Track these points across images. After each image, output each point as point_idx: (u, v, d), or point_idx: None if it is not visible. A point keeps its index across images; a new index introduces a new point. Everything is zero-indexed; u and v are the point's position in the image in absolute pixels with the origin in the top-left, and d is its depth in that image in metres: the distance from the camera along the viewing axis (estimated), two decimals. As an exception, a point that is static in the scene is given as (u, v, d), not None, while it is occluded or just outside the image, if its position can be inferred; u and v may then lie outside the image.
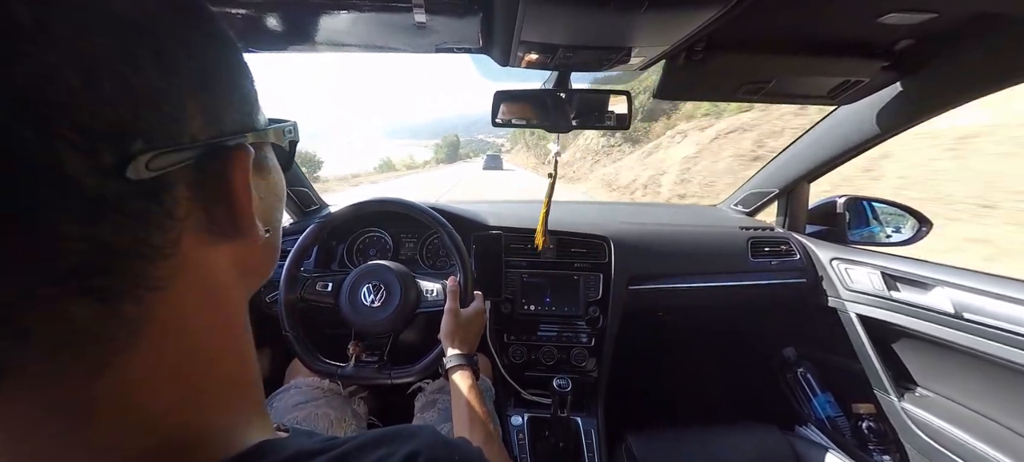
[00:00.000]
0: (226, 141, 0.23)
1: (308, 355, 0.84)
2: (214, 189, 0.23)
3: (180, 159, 0.20)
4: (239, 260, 0.26)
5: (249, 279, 0.28)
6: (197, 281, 0.23)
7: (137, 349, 0.20)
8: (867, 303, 1.07)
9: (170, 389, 0.22)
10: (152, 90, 0.19)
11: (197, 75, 0.22)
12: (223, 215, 0.23)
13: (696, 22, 0.57)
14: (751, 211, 1.44)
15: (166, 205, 0.20)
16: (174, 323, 0.22)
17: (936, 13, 0.61)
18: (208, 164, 0.22)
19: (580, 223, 1.18)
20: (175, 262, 0.21)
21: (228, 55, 0.25)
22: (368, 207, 0.94)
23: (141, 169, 0.18)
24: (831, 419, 1.19)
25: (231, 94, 0.24)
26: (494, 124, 0.90)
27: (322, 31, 0.71)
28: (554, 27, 0.61)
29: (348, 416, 0.88)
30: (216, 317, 0.24)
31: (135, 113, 0.18)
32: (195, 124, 0.21)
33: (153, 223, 0.20)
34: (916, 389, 1.05)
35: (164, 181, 0.20)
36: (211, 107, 0.22)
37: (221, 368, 0.25)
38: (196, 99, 0.21)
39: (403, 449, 0.26)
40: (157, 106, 0.19)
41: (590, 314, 1.13)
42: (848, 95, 0.85)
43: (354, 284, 0.87)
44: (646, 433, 1.10)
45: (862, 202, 1.32)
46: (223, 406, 0.25)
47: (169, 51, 0.20)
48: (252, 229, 0.25)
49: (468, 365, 0.74)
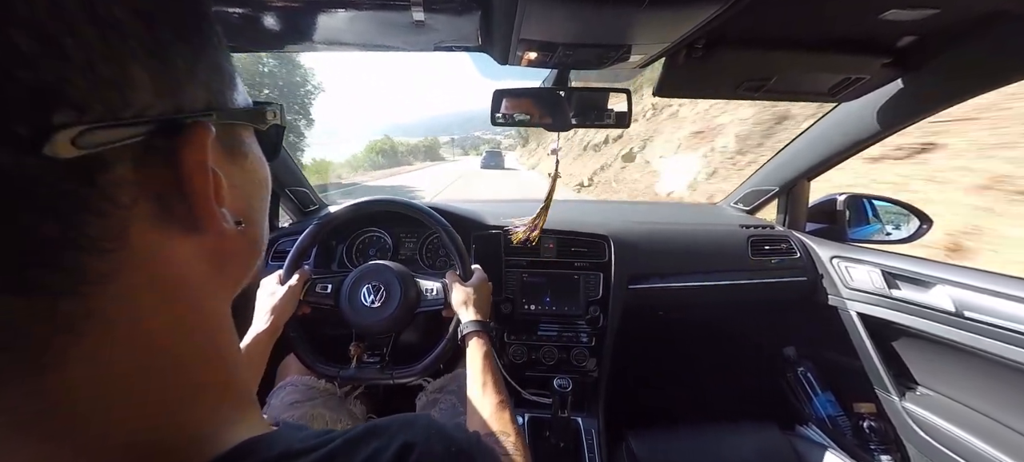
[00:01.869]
0: (182, 118, 0.20)
1: (310, 358, 0.84)
2: (165, 173, 0.20)
3: (120, 136, 0.17)
4: (210, 255, 0.23)
5: (228, 279, 0.26)
6: (152, 277, 0.20)
7: (79, 349, 0.18)
8: (867, 301, 1.07)
9: (125, 394, 0.20)
10: (82, 49, 0.16)
11: (147, 38, 0.18)
12: (177, 205, 0.20)
13: (697, 19, 0.56)
14: (751, 209, 1.44)
15: (103, 189, 0.17)
16: (123, 322, 0.19)
17: (938, 9, 0.60)
18: (158, 143, 0.19)
19: (580, 222, 1.18)
20: (122, 255, 0.18)
21: (193, 20, 0.21)
22: (368, 207, 0.94)
23: (66, 146, 0.15)
24: (832, 418, 1.18)
25: (195, 64, 0.21)
26: (494, 123, 0.89)
27: (320, 30, 0.71)
28: (553, 24, 0.60)
29: (345, 416, 0.88)
30: (178, 316, 0.22)
31: (61, 76, 0.15)
32: (143, 96, 0.18)
33: (87, 209, 0.17)
34: (917, 388, 1.05)
35: (99, 161, 0.17)
36: (165, 76, 0.19)
37: (191, 371, 0.22)
38: (145, 65, 0.18)
39: (396, 441, 0.24)
40: (90, 69, 0.16)
41: (590, 313, 1.12)
42: (849, 92, 0.85)
43: (354, 285, 0.86)
44: (646, 433, 1.10)
45: (862, 200, 1.32)
46: (196, 411, 0.22)
47: (106, 6, 0.17)
48: (211, 220, 0.22)
49: (484, 331, 0.74)
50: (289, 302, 0.80)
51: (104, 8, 0.17)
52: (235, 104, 0.25)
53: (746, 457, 1.03)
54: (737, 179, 2.86)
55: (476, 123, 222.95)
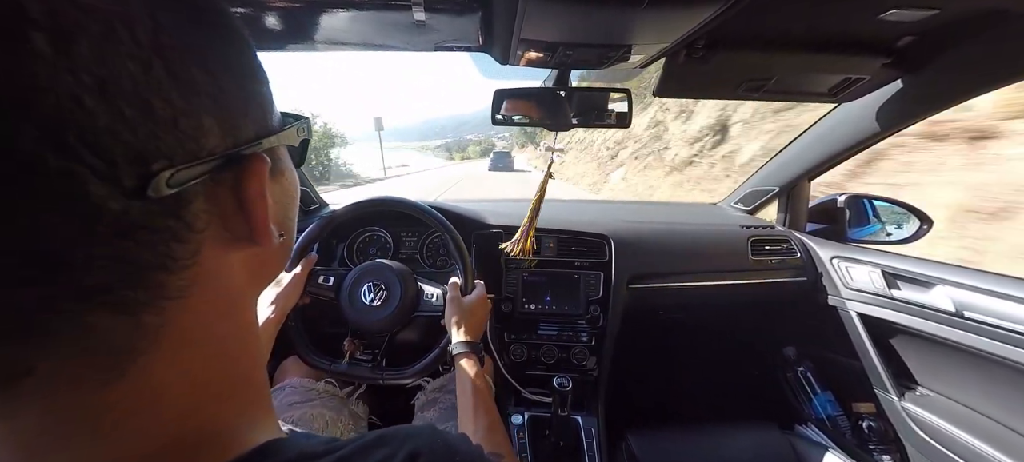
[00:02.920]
0: (241, 150, 0.23)
1: (304, 348, 0.84)
2: (230, 200, 0.23)
3: (198, 173, 0.20)
4: (253, 264, 0.26)
5: (260, 281, 0.28)
6: (214, 288, 0.23)
7: (155, 356, 0.20)
8: (867, 301, 1.07)
9: (184, 393, 0.22)
10: (170, 110, 0.19)
11: (213, 89, 0.21)
12: (240, 224, 0.24)
13: (697, 19, 0.57)
14: (751, 209, 1.44)
15: (186, 219, 0.20)
16: (191, 330, 0.22)
17: (938, 10, 0.60)
18: (224, 176, 0.22)
19: (580, 222, 1.18)
20: (194, 272, 0.21)
21: (245, 62, 0.24)
22: (369, 206, 0.94)
23: (161, 187, 0.18)
24: (831, 418, 1.18)
25: (247, 104, 0.24)
26: (494, 122, 0.90)
27: (321, 30, 0.71)
28: (554, 24, 0.61)
29: (345, 416, 0.88)
30: (231, 321, 0.25)
31: (155, 134, 0.18)
32: (212, 138, 0.21)
33: (174, 237, 0.20)
34: (916, 388, 1.05)
35: (184, 196, 0.20)
36: (227, 119, 0.22)
37: (234, 370, 0.25)
38: (212, 113, 0.21)
39: (404, 450, 0.26)
40: (174, 124, 0.19)
41: (590, 313, 1.13)
42: (849, 92, 0.85)
43: (355, 282, 0.87)
44: (646, 432, 1.10)
45: (863, 200, 1.32)
46: (234, 407, 0.25)
47: (186, 70, 0.20)
48: (267, 237, 0.25)
49: (473, 352, 0.73)
50: (294, 290, 0.82)
51: (184, 69, 0.20)
52: (275, 127, 0.27)
53: (745, 456, 1.03)
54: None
55: (468, 127, 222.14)
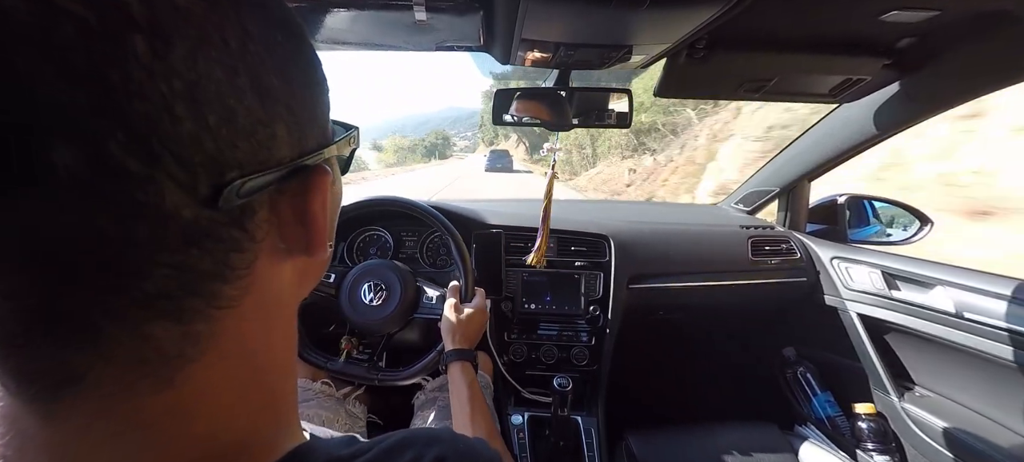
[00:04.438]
0: (306, 160, 0.22)
1: (300, 344, 0.84)
2: (291, 210, 0.22)
3: (266, 183, 0.20)
4: (300, 274, 0.26)
5: (304, 291, 0.28)
6: (263, 298, 0.22)
7: (201, 364, 0.20)
8: (867, 302, 1.07)
9: (227, 402, 0.22)
10: (250, 118, 0.18)
11: (287, 97, 0.21)
12: (297, 235, 0.23)
13: (698, 20, 0.57)
14: (751, 210, 1.44)
15: (249, 229, 0.20)
16: (238, 339, 0.21)
17: (938, 11, 0.60)
18: (288, 186, 0.22)
19: (580, 221, 1.18)
20: (248, 282, 0.21)
21: (313, 69, 0.24)
22: (369, 205, 0.94)
23: (232, 197, 0.18)
24: (830, 418, 1.19)
25: (315, 110, 0.24)
26: (495, 122, 0.90)
27: (323, 29, 0.71)
28: (555, 25, 0.61)
29: (342, 416, 0.88)
30: (276, 331, 0.25)
31: (233, 143, 0.18)
32: (284, 147, 0.21)
33: (235, 247, 0.19)
34: (916, 388, 1.05)
35: (249, 206, 0.19)
36: (297, 127, 0.22)
37: (271, 379, 0.25)
38: (284, 121, 0.21)
39: (430, 452, 0.26)
40: (252, 133, 0.19)
41: (590, 313, 1.13)
42: (849, 93, 0.85)
43: (355, 281, 0.87)
44: (646, 432, 1.10)
45: (863, 201, 1.32)
46: (268, 415, 0.25)
47: (267, 77, 0.19)
48: (323, 249, 0.24)
49: (467, 360, 0.74)
50: None
51: (265, 76, 0.19)
52: (331, 138, 0.27)
53: (745, 456, 1.03)
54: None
55: (447, 125, 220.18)
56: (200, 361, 0.20)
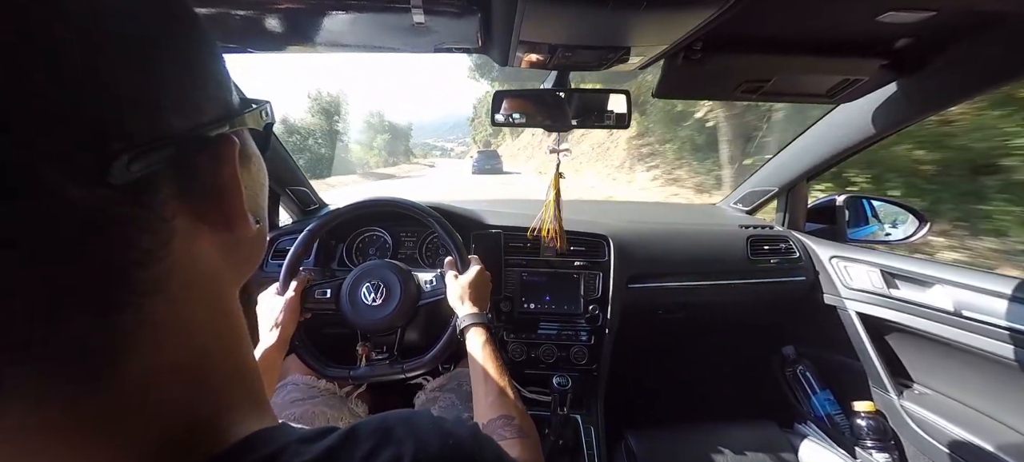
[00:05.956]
0: (207, 132, 0.22)
1: (318, 364, 0.84)
2: (201, 186, 0.22)
3: (161, 156, 0.19)
4: (227, 252, 0.25)
5: (240, 271, 0.28)
6: (190, 279, 0.22)
7: (134, 354, 0.19)
8: (866, 301, 1.08)
9: (169, 389, 0.21)
10: (125, 87, 0.18)
11: (169, 66, 0.21)
12: (213, 211, 0.23)
13: (695, 21, 0.57)
14: (751, 209, 1.44)
15: (154, 208, 0.19)
16: (170, 324, 0.21)
17: (935, 12, 0.61)
18: (192, 159, 0.21)
19: (580, 221, 1.18)
20: (167, 263, 0.20)
21: (198, 38, 0.24)
22: (368, 206, 0.95)
23: (123, 171, 0.17)
24: (830, 417, 1.19)
25: (207, 81, 0.23)
26: (493, 123, 0.90)
27: (321, 32, 0.71)
28: (553, 26, 0.61)
29: (346, 415, 0.88)
30: (211, 312, 0.24)
31: (110, 114, 0.17)
32: (174, 118, 0.20)
33: (143, 228, 0.19)
34: (915, 387, 1.05)
35: (149, 183, 0.19)
36: (187, 98, 0.21)
37: (219, 361, 0.24)
38: (170, 91, 0.20)
39: (395, 435, 0.26)
40: (133, 103, 0.18)
41: (590, 312, 1.13)
42: (847, 94, 0.85)
43: (353, 285, 0.87)
44: (646, 432, 1.10)
45: (861, 200, 1.32)
46: (222, 399, 0.24)
47: (139, 45, 0.19)
48: (244, 224, 0.24)
49: (480, 323, 0.74)
50: (291, 313, 0.80)
51: (141, 51, 0.19)
52: (236, 109, 0.26)
53: (745, 455, 1.04)
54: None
55: (427, 130, 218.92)
56: (132, 354, 0.19)
